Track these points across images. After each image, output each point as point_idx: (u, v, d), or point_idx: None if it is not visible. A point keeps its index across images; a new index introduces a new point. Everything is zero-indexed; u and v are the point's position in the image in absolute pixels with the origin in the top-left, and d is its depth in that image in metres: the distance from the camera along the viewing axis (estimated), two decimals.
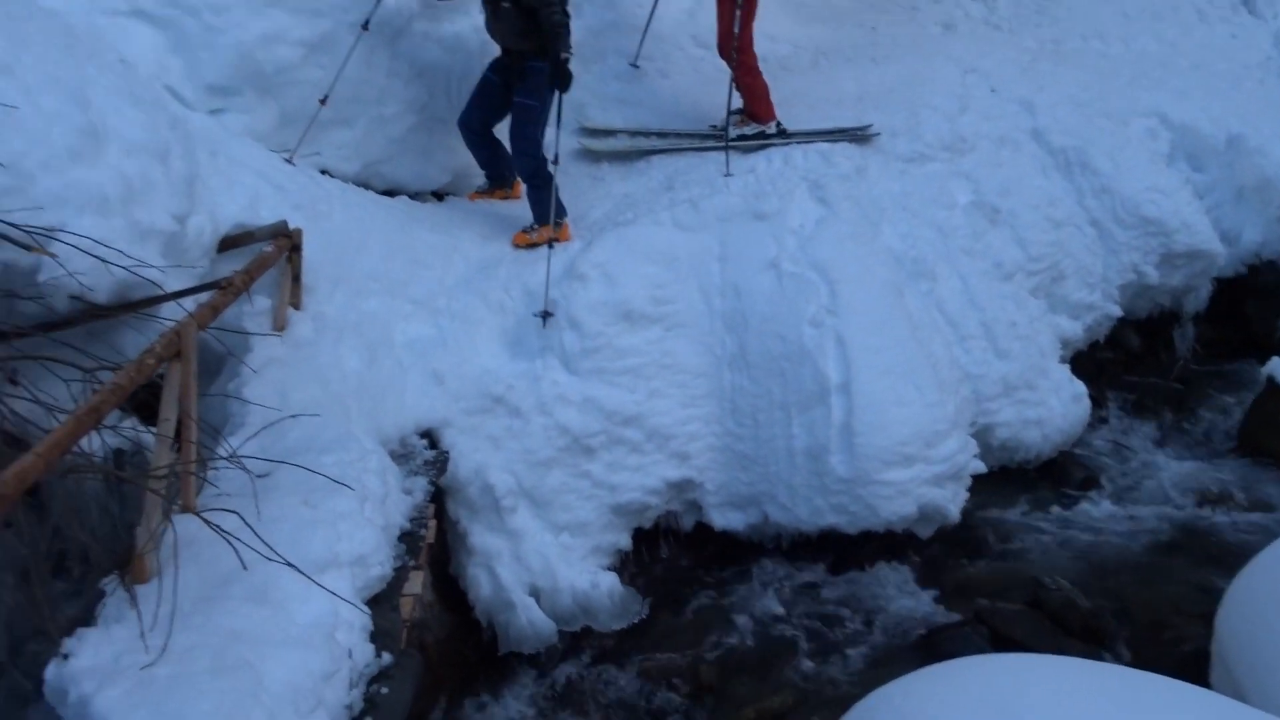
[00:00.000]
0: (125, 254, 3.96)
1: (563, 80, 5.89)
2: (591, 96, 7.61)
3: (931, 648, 5.16)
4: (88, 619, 3.20)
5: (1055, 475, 6.67)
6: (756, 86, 7.21)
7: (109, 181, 4.09)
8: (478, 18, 6.59)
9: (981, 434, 6.34)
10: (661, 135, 7.42)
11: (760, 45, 7.92)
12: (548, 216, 6.08)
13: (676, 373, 5.91)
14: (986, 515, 6.24)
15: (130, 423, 4.10)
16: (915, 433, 5.77)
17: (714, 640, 5.37)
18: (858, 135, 7.18)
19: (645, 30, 7.79)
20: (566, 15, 5.90)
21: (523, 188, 6.47)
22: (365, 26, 6.10)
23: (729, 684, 5.10)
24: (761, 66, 7.39)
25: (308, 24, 6.04)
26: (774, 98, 7.32)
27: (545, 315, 5.65)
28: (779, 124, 7.21)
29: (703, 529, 5.93)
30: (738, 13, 7.02)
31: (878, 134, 7.20)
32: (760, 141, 7.11)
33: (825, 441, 5.73)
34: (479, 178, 6.97)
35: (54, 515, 3.66)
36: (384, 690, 3.38)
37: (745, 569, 5.85)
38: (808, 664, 5.20)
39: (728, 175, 6.69)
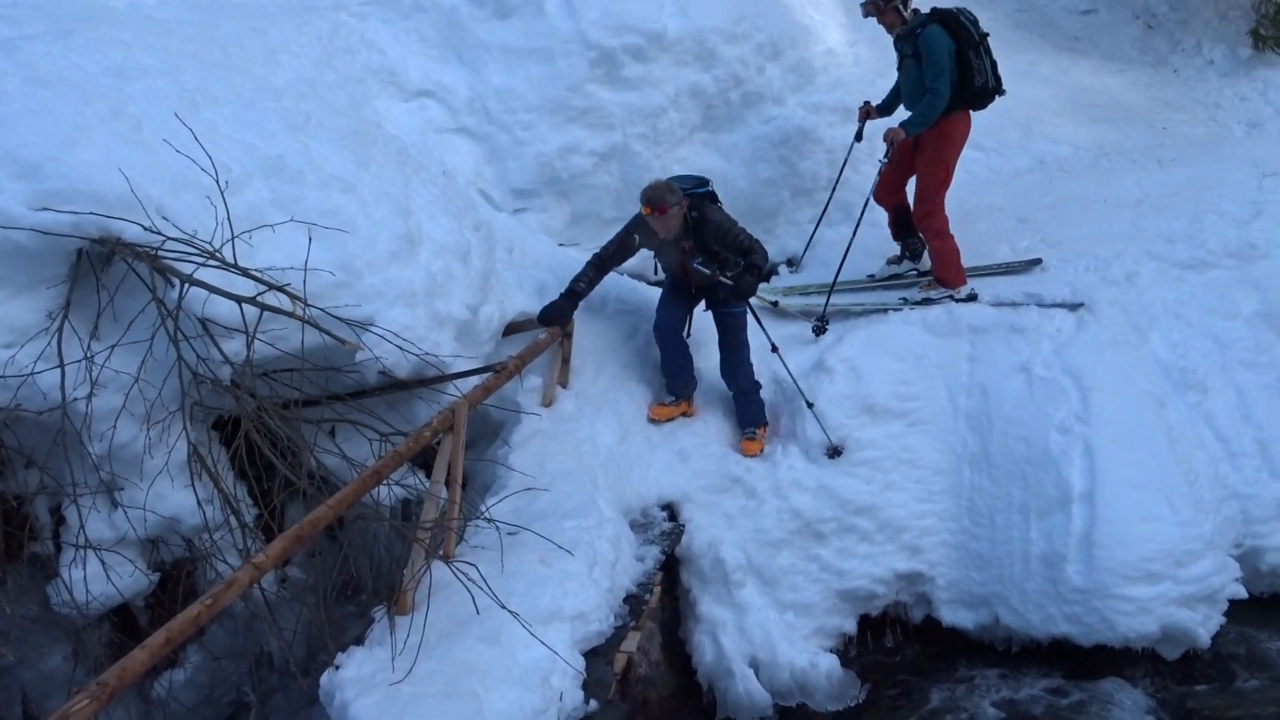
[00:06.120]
0: (424, 340, 4.85)
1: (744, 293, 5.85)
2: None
3: None
4: (360, 639, 3.99)
5: None
6: (946, 250, 6.70)
7: (418, 278, 5.03)
8: (757, 128, 7.21)
9: (1248, 557, 6.01)
10: (828, 289, 6.82)
11: (1040, 147, 7.96)
12: (765, 417, 6.17)
13: (915, 468, 6.12)
14: (1244, 643, 5.87)
15: (416, 479, 4.97)
16: (1163, 550, 5.63)
17: None
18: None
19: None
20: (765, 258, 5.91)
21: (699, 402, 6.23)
22: None
23: None
24: (1039, 168, 7.41)
25: (601, 137, 6.93)
26: (1046, 200, 7.30)
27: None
28: (972, 292, 6.66)
29: (931, 623, 6.04)
30: (936, 170, 6.59)
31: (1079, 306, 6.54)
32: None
33: (1063, 550, 5.70)
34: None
35: (348, 550, 4.53)
36: None
37: (971, 668, 5.88)
38: None
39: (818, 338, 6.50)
